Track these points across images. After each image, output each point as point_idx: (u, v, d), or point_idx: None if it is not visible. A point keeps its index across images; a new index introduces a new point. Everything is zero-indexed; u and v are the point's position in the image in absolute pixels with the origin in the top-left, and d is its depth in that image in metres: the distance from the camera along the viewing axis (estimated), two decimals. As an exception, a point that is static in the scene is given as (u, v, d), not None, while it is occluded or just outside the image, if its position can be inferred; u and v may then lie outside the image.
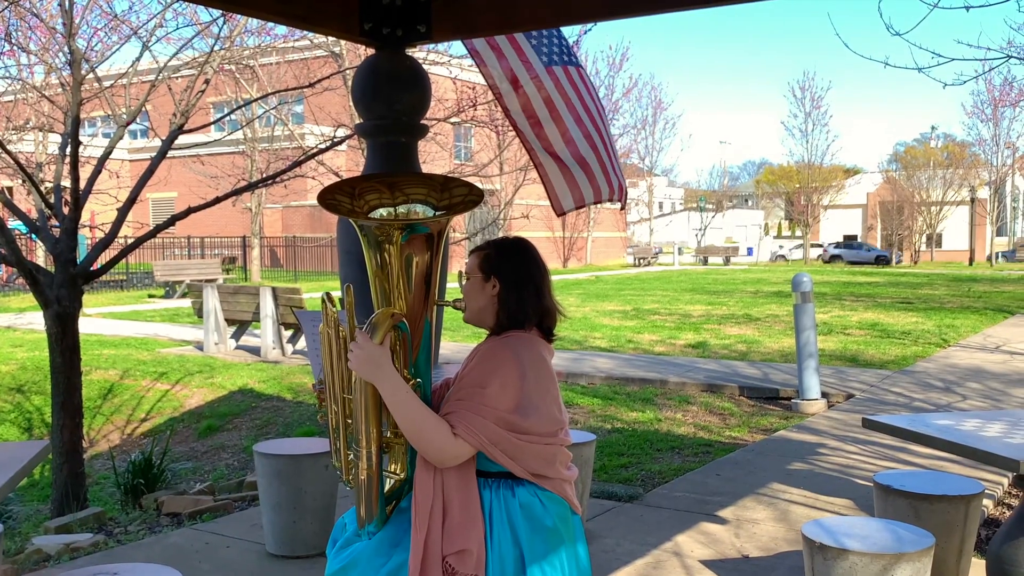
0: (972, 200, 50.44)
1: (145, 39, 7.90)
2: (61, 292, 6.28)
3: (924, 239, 54.32)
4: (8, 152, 6.78)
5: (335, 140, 8.11)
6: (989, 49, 7.92)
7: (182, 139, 7.21)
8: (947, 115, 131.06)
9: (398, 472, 2.48)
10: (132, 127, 10.70)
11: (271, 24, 11.65)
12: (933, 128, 72.32)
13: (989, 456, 3.46)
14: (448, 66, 14.72)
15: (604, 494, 5.77)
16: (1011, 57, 7.81)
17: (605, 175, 4.66)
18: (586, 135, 4.61)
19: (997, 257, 49.11)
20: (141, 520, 5.88)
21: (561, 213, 4.71)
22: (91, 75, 7.46)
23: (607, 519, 5.24)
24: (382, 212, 2.35)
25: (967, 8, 6.39)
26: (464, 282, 2.52)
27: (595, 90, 4.81)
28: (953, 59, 7.09)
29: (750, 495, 5.73)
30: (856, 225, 63.18)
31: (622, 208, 4.99)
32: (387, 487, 2.46)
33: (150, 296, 24.65)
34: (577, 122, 4.61)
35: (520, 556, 2.35)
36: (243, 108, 14.33)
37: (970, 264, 47.38)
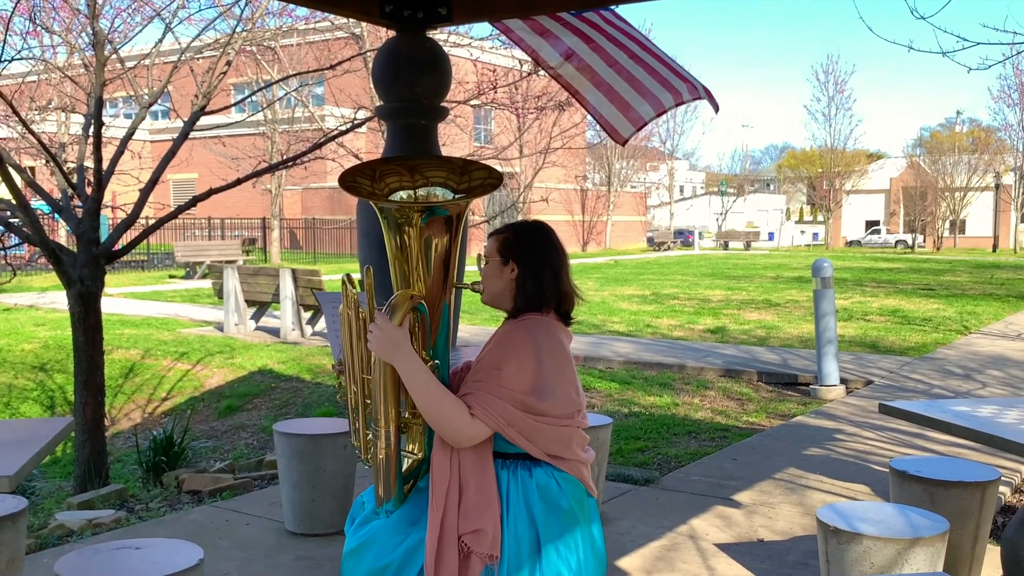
0: (997, 186, 49.88)
1: (168, 20, 7.95)
2: (84, 272, 6.35)
3: (947, 225, 53.78)
4: (32, 132, 6.83)
5: (355, 122, 8.14)
6: (1016, 33, 7.80)
7: (203, 120, 7.25)
8: (973, 100, 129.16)
9: (416, 452, 2.51)
10: (154, 108, 10.75)
11: (292, 6, 11.65)
12: (958, 113, 71.61)
13: (1005, 443, 3.45)
14: (469, 48, 14.64)
15: (620, 477, 5.79)
16: (1037, 42, 7.70)
17: (674, 79, 4.47)
18: (632, 56, 4.48)
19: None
20: (162, 497, 5.96)
21: (623, 142, 4.55)
22: (114, 56, 7.50)
23: (623, 502, 5.26)
24: (402, 195, 2.37)
25: (994, -9, 6.31)
26: (483, 265, 2.53)
27: (632, 26, 4.70)
28: (979, 43, 6.95)
29: (766, 480, 5.73)
30: (879, 210, 62.67)
31: (716, 110, 4.70)
32: (405, 466, 2.49)
33: (171, 276, 24.82)
34: (619, 47, 4.47)
35: (536, 536, 2.37)
36: (264, 90, 14.37)
37: (993, 251, 46.92)
